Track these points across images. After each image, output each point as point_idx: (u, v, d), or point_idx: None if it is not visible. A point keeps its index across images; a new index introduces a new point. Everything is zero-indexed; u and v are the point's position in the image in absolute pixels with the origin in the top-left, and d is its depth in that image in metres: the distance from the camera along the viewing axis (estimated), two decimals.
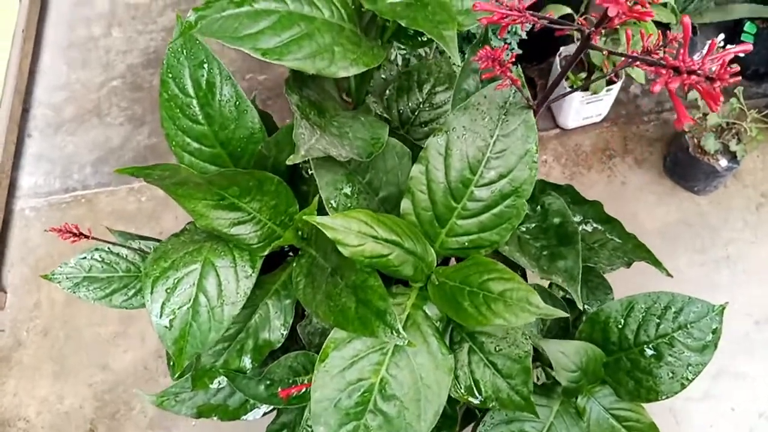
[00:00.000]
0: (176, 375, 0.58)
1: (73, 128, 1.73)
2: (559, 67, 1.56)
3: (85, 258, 0.73)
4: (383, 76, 0.80)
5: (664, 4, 1.43)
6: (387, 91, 0.75)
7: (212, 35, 0.48)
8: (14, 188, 1.66)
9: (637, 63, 0.43)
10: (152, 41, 1.84)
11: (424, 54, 1.03)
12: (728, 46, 0.39)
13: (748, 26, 1.60)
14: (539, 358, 0.71)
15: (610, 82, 1.51)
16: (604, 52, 0.43)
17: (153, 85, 1.77)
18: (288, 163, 0.46)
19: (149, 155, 1.67)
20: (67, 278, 0.72)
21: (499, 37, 1.25)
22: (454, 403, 0.74)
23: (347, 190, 0.56)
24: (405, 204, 0.53)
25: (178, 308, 0.56)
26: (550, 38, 1.54)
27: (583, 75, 1.52)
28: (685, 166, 1.53)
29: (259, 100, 1.11)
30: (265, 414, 0.71)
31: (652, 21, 1.33)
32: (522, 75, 0.53)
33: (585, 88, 1.50)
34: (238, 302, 0.56)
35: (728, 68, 0.36)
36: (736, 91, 1.41)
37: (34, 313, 1.50)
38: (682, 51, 0.38)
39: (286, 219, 0.57)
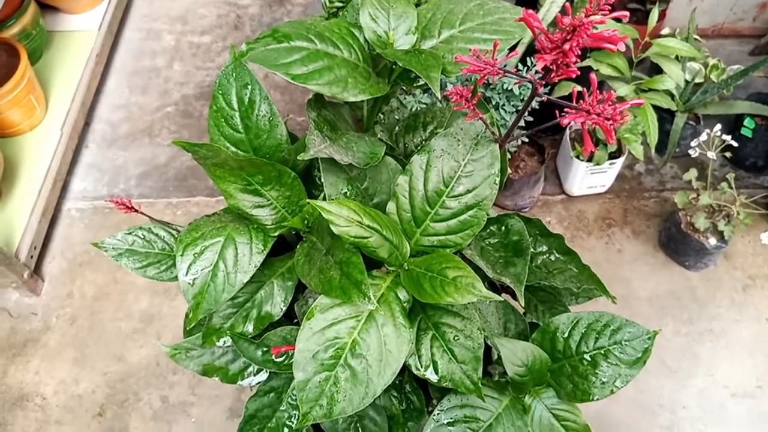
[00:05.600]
0: (189, 327, 0.71)
1: (125, 144, 1.92)
2: (568, 139, 1.71)
3: (129, 233, 0.87)
4: (396, 116, 0.95)
5: (668, 92, 1.58)
6: (397, 128, 0.90)
7: (257, 62, 0.64)
8: (66, 191, 1.84)
9: (568, 109, 0.56)
10: (208, 76, 2.05)
11: (431, 102, 1.19)
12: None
13: (747, 121, 1.74)
14: (500, 362, 0.82)
15: (613, 156, 1.65)
16: (544, 98, 0.57)
17: (202, 114, 1.97)
18: (299, 158, 0.61)
19: (189, 175, 1.85)
20: (113, 248, 0.87)
21: (504, 107, 1.40)
22: (422, 398, 0.85)
23: (346, 191, 0.70)
24: (390, 206, 0.67)
25: (201, 270, 0.69)
26: (562, 113, 1.70)
27: None
28: (677, 242, 1.64)
29: (292, 129, 1.27)
30: (258, 383, 0.83)
31: (651, 105, 1.48)
32: (494, 116, 0.67)
33: (590, 159, 1.64)
34: (249, 272, 0.70)
35: (621, 114, 0.50)
36: (728, 176, 1.53)
37: (65, 302, 1.65)
38: (592, 99, 0.52)
39: (296, 208, 0.71)
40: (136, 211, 0.83)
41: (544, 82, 0.56)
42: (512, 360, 0.71)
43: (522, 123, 1.49)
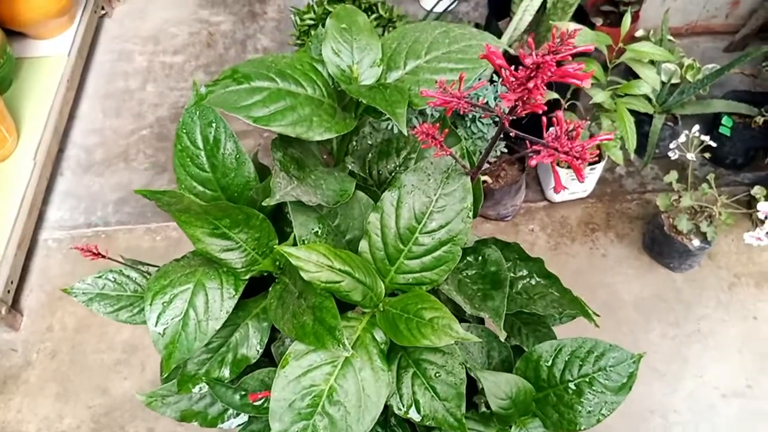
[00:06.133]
0: (164, 376, 0.69)
1: (101, 170, 1.89)
2: None
3: (99, 277, 0.85)
4: (369, 142, 0.93)
5: (645, 95, 1.57)
6: (370, 155, 0.88)
7: (217, 105, 0.62)
8: (42, 220, 1.81)
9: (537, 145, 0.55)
10: (182, 97, 2.02)
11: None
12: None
13: (725, 120, 1.74)
14: (483, 391, 0.80)
15: (592, 162, 1.64)
16: (512, 133, 0.56)
17: None
18: (263, 204, 0.59)
19: None
20: (83, 293, 0.84)
21: (482, 119, 1.39)
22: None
23: (317, 230, 0.68)
24: (362, 244, 0.65)
25: (171, 319, 0.67)
26: (540, 123, 1.69)
27: None
28: (661, 244, 1.63)
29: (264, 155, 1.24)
30: (239, 426, 0.81)
31: (628, 110, 1.47)
32: (465, 148, 0.66)
33: (569, 166, 1.63)
34: (221, 318, 0.68)
35: (589, 152, 0.48)
36: (708, 177, 1.53)
37: (45, 336, 1.62)
38: (560, 136, 0.50)
39: (267, 250, 0.69)
40: (103, 257, 0.81)
41: (511, 118, 0.55)
42: (496, 393, 0.70)
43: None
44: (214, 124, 0.74)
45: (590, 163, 1.62)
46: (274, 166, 0.63)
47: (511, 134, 0.56)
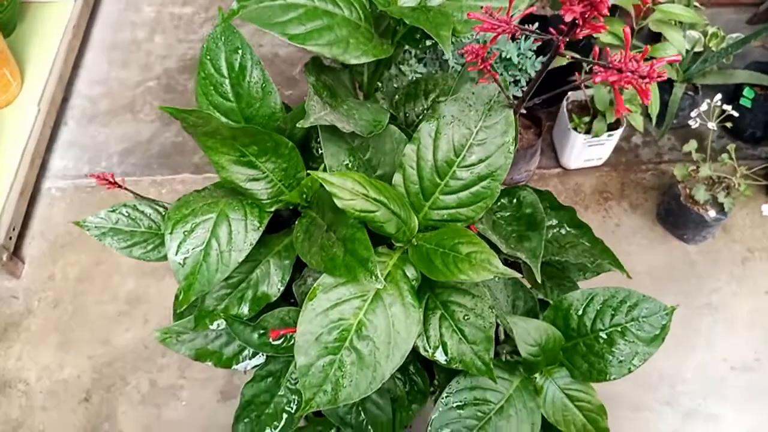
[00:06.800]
0: (179, 311, 0.66)
1: (106, 120, 1.85)
2: (565, 110, 1.66)
3: (113, 211, 0.82)
4: (396, 84, 0.90)
5: (671, 64, 1.53)
6: (396, 96, 0.85)
7: (250, 20, 0.58)
8: (44, 169, 1.77)
9: (599, 68, 0.52)
10: (190, 49, 1.97)
11: (434, 71, 1.14)
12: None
13: (746, 91, 1.70)
14: (508, 341, 0.78)
15: (611, 128, 1.61)
16: (568, 57, 0.52)
17: (186, 88, 1.89)
18: (298, 125, 0.56)
19: (174, 152, 1.78)
20: (96, 227, 0.81)
21: (509, 73, 1.35)
22: (425, 378, 0.81)
23: (348, 162, 0.65)
24: (396, 178, 0.62)
25: (193, 248, 0.64)
26: (561, 84, 1.65)
27: (587, 119, 1.62)
28: (676, 215, 1.61)
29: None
30: (255, 366, 0.79)
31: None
32: (507, 80, 0.62)
33: (587, 131, 1.60)
34: (244, 250, 0.65)
35: (658, 72, 0.45)
36: (728, 147, 1.50)
37: (47, 285, 1.59)
38: (624, 57, 0.47)
39: (294, 182, 0.66)
40: (120, 186, 0.78)
41: (567, 39, 0.51)
42: (525, 339, 0.68)
43: (519, 94, 1.44)
44: (240, 51, 0.70)
45: (609, 129, 1.59)
46: (308, 90, 0.60)
47: (568, 58, 0.52)
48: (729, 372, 1.48)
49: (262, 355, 0.77)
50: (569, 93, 1.67)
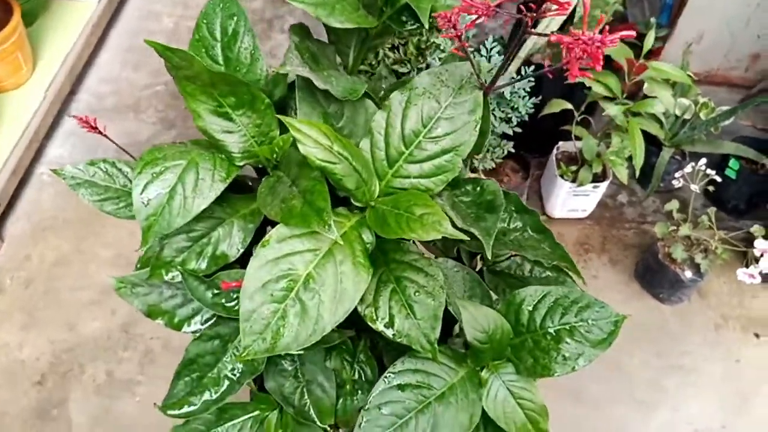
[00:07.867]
0: (141, 247, 0.66)
1: (109, 116, 1.89)
2: (554, 158, 1.70)
3: (92, 164, 0.83)
4: (383, 85, 0.93)
5: (657, 119, 1.58)
6: (382, 93, 0.88)
7: None
8: (40, 154, 1.80)
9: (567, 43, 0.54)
10: None
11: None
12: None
13: (732, 163, 1.75)
14: (462, 334, 0.78)
15: (597, 180, 1.64)
16: (537, 39, 0.55)
17: None
18: (274, 71, 0.58)
19: None
20: (72, 177, 0.82)
21: (501, 109, 1.39)
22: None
23: None
24: (364, 143, 0.64)
25: (158, 191, 0.66)
26: (552, 134, 1.70)
27: (574, 168, 1.65)
28: (654, 272, 1.62)
29: None
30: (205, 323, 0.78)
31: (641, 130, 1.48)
32: (479, 64, 0.65)
33: (574, 179, 1.63)
34: (208, 198, 0.66)
35: (610, 40, 0.48)
36: (708, 211, 1.52)
37: (22, 265, 1.59)
38: (583, 25, 0.50)
39: (266, 140, 0.68)
40: (101, 133, 0.80)
41: (535, 18, 0.55)
42: (473, 325, 0.68)
43: (510, 132, 1.48)
44: (235, 17, 0.73)
45: (595, 180, 1.62)
46: (289, 45, 0.62)
47: (533, 32, 0.55)
48: None
49: (214, 317, 0.76)
50: (559, 143, 1.71)
